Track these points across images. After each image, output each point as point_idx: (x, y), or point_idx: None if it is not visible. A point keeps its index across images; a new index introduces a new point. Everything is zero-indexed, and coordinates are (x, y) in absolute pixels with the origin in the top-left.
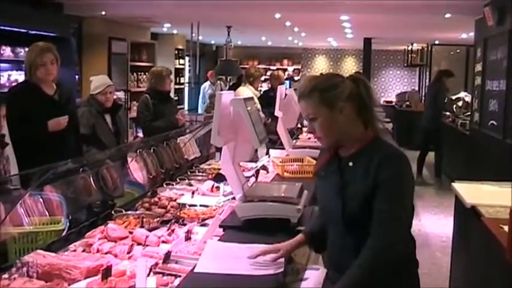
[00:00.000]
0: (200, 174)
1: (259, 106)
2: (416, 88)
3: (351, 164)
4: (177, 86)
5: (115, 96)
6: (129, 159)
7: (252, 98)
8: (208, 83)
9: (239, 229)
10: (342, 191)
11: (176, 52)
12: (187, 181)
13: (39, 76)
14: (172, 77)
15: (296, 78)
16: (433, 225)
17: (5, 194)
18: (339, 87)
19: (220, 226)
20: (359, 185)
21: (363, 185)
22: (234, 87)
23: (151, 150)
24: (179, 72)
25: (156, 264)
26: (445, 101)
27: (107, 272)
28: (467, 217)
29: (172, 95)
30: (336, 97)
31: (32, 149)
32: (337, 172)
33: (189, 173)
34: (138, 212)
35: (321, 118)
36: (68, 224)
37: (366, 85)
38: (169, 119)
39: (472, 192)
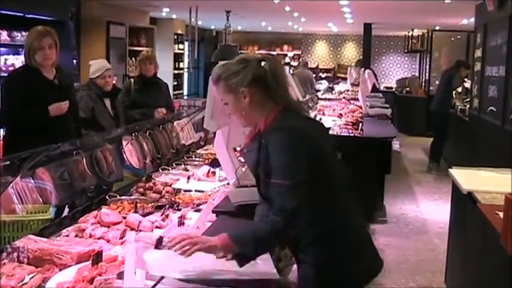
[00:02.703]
0: (197, 159)
1: None
2: (417, 74)
3: (263, 141)
4: (176, 71)
5: (114, 81)
6: (124, 143)
7: None
8: None
9: (232, 214)
10: (256, 169)
11: (175, 37)
12: (183, 166)
13: (37, 60)
14: (157, 61)
15: (294, 64)
16: (431, 211)
17: None
18: (240, 73)
19: (213, 211)
20: (264, 158)
21: (266, 158)
22: None
23: (147, 134)
24: (178, 57)
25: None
26: (457, 90)
27: (97, 257)
28: (463, 203)
29: (171, 79)
30: (237, 84)
31: (30, 134)
32: (256, 150)
33: (185, 158)
34: (132, 197)
35: (229, 103)
36: (55, 212)
37: (272, 65)
38: (147, 112)
39: (469, 178)
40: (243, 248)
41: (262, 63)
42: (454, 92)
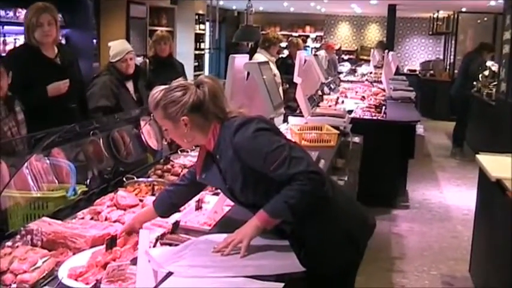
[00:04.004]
0: None
1: (276, 71)
2: (441, 57)
3: (218, 156)
4: (197, 52)
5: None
6: (142, 123)
7: (267, 63)
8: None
9: None
10: (225, 183)
11: (196, 17)
12: None
13: (37, 38)
14: (172, 41)
15: (317, 45)
16: (454, 197)
17: (11, 157)
18: (179, 102)
19: None
20: (233, 169)
21: (235, 168)
22: (252, 53)
23: None
24: (200, 38)
25: (164, 234)
26: (484, 73)
27: (111, 242)
28: (491, 191)
29: (192, 60)
30: (177, 112)
31: (30, 117)
32: (214, 169)
33: None
34: (150, 179)
35: (169, 129)
36: (74, 191)
37: (211, 86)
38: None
39: (497, 165)
40: (281, 217)
41: (201, 87)
42: (480, 76)
